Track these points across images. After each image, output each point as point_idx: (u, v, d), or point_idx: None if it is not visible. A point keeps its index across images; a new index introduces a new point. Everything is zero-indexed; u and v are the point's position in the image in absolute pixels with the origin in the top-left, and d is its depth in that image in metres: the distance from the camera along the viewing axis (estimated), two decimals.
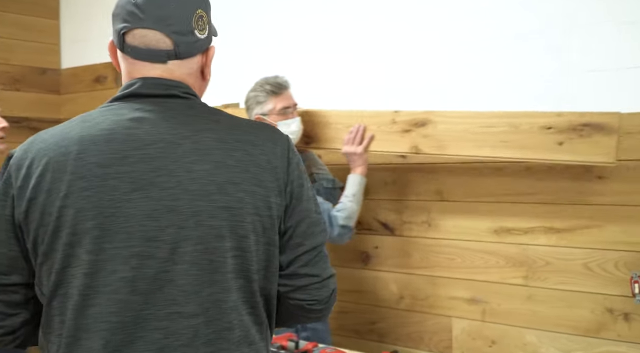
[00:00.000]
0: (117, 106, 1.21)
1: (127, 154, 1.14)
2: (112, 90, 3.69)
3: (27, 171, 1.16)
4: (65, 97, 3.96)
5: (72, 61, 3.94)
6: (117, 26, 1.22)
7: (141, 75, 1.22)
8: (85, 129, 1.16)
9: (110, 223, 1.10)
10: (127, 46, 1.21)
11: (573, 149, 2.02)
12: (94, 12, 3.81)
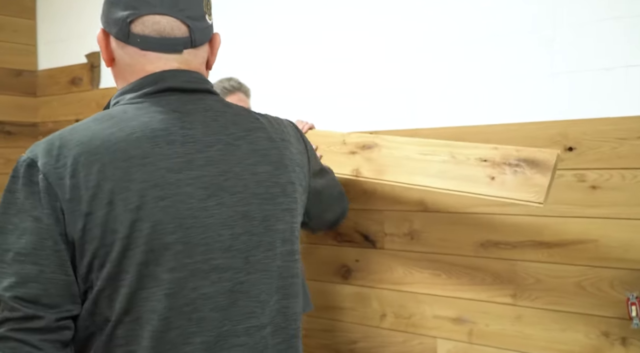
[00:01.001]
0: (152, 102, 1.07)
1: (192, 157, 1.03)
2: (87, 93, 3.52)
3: (73, 181, 0.98)
4: (42, 100, 3.80)
5: (49, 62, 3.77)
6: (118, 14, 1.09)
7: (156, 68, 1.08)
8: (133, 128, 1.01)
9: (191, 236, 1.00)
10: (134, 36, 1.07)
11: (503, 185, 1.87)
12: (71, 12, 3.64)
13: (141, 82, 1.09)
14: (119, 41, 1.10)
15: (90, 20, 3.53)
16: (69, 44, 3.66)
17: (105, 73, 3.46)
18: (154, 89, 1.09)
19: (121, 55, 1.11)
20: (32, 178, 0.98)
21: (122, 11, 1.08)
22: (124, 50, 1.10)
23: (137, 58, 1.10)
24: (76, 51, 3.61)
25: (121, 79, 1.14)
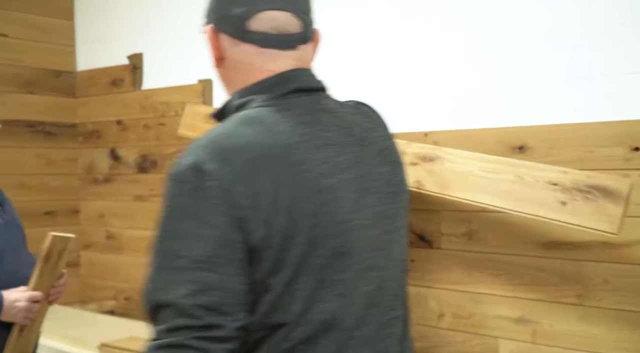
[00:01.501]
0: (287, 105, 1.06)
1: (336, 160, 1.05)
2: (129, 94, 3.54)
3: (248, 187, 0.96)
4: (81, 100, 3.81)
5: (88, 63, 3.79)
6: (232, 11, 1.06)
7: (275, 66, 1.07)
8: (284, 134, 1.01)
9: (350, 239, 1.03)
10: (251, 33, 1.05)
11: (575, 211, 1.88)
12: (109, 12, 3.66)
13: (269, 83, 1.08)
14: (233, 39, 1.07)
15: (128, 20, 3.55)
16: (107, 45, 3.68)
17: (148, 74, 3.48)
18: (285, 90, 1.07)
19: (235, 53, 1.08)
20: (202, 183, 0.96)
21: (237, 8, 1.05)
22: (238, 48, 1.08)
23: (254, 56, 1.07)
24: (115, 52, 3.62)
25: (234, 79, 1.11)
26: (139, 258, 3.52)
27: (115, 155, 3.64)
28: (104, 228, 3.70)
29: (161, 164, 3.41)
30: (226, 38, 1.08)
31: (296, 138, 1.02)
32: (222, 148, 0.98)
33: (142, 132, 3.49)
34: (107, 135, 3.67)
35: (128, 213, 3.59)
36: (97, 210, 3.75)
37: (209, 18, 1.12)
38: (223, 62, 1.11)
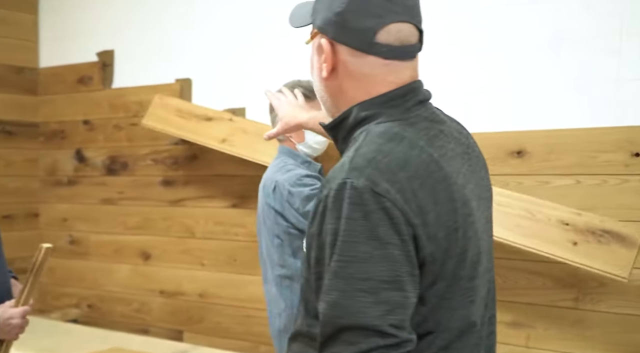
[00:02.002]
0: (418, 118, 1.09)
1: (464, 171, 1.09)
2: (98, 92, 3.41)
3: (416, 206, 0.99)
4: (44, 98, 3.65)
5: (52, 60, 3.63)
6: (361, 23, 1.05)
7: (397, 78, 1.08)
8: (426, 149, 1.04)
9: (480, 245, 1.08)
10: (379, 45, 1.05)
11: (588, 253, 1.93)
12: (76, 7, 3.52)
13: (394, 95, 1.09)
14: (357, 51, 1.07)
15: (97, 16, 3.43)
16: (74, 41, 3.53)
17: (119, 72, 3.35)
18: (411, 104, 1.09)
19: (356, 65, 1.08)
20: (379, 204, 0.97)
21: (366, 21, 1.05)
22: (361, 60, 1.07)
23: (379, 68, 1.07)
24: (83, 49, 3.48)
25: (349, 90, 1.11)
26: (106, 263, 3.39)
27: (81, 157, 3.49)
28: (66, 232, 3.55)
29: (133, 165, 3.29)
30: (346, 50, 1.08)
31: (436, 152, 1.05)
32: (386, 168, 0.99)
33: (112, 132, 3.36)
34: (73, 135, 3.52)
35: (94, 217, 3.44)
36: (59, 214, 3.59)
37: (324, 28, 1.10)
38: (336, 73, 1.10)
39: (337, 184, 0.99)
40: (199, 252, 3.07)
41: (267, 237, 2.12)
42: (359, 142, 1.05)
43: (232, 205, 2.96)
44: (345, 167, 1.00)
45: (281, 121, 1.78)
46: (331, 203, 0.99)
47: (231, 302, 2.96)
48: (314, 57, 1.14)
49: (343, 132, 1.13)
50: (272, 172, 2.13)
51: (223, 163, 2.98)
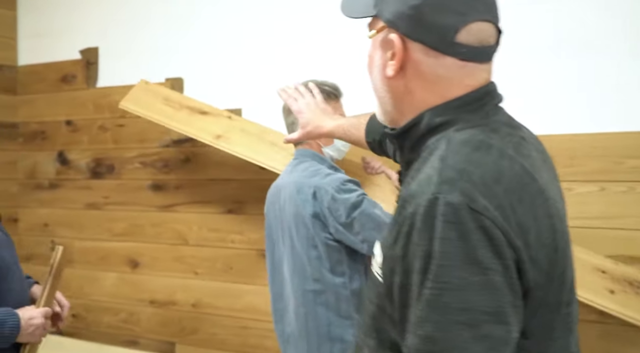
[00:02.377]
0: (498, 124, 0.98)
1: (549, 181, 0.99)
2: (82, 92, 3.24)
3: (516, 224, 0.87)
4: (23, 98, 3.47)
5: (31, 57, 3.45)
6: (441, 20, 0.94)
7: (475, 81, 0.98)
8: (517, 159, 0.93)
9: (572, 265, 0.99)
10: (458, 45, 0.95)
11: (624, 303, 1.87)
12: (57, 3, 3.34)
13: (471, 99, 0.98)
14: (433, 50, 0.96)
15: (80, 12, 3.26)
16: (55, 38, 3.36)
17: (103, 71, 3.19)
18: (489, 109, 1.00)
19: (430, 65, 0.97)
20: (478, 223, 0.85)
21: (447, 17, 0.94)
22: (437, 60, 0.96)
23: (455, 70, 0.97)
24: (65, 46, 3.31)
25: (418, 92, 1.00)
26: (92, 271, 3.22)
27: (63, 159, 3.32)
28: (48, 238, 3.37)
29: (119, 169, 3.13)
30: (420, 47, 0.97)
31: (526, 162, 0.94)
32: (480, 180, 0.88)
33: (97, 133, 3.20)
34: (55, 136, 3.35)
35: (78, 222, 3.28)
36: (40, 219, 3.41)
37: (395, 22, 0.98)
38: (403, 72, 0.99)
39: (426, 200, 0.87)
40: (192, 260, 2.93)
41: (300, 248, 1.93)
42: (441, 151, 0.93)
43: (228, 210, 2.82)
44: (434, 180, 0.88)
45: (303, 128, 1.66)
46: (420, 222, 0.87)
47: (227, 313, 2.82)
48: (375, 53, 1.03)
49: (411, 139, 1.01)
50: (306, 177, 1.94)
51: (218, 166, 2.84)
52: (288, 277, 1.98)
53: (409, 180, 0.97)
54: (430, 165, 0.92)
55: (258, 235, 2.74)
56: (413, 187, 0.91)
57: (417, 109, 1.00)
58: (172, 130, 2.93)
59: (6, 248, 1.88)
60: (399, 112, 1.03)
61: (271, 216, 2.05)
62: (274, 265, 2.05)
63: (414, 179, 0.94)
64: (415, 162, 0.99)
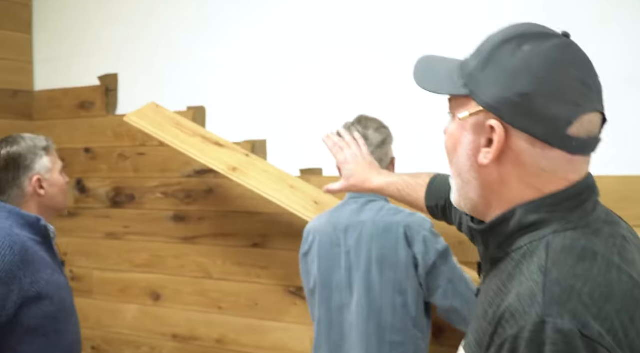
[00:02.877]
0: (595, 224, 0.89)
1: None
2: (101, 119, 3.17)
3: (626, 349, 0.78)
4: (39, 124, 3.40)
5: (47, 82, 3.38)
6: (551, 109, 0.86)
7: (577, 175, 0.90)
8: (624, 269, 0.84)
9: None
10: (569, 139, 0.87)
11: None
12: (73, 27, 3.27)
13: (573, 195, 0.91)
14: (539, 141, 0.87)
15: (97, 37, 3.19)
16: (72, 63, 3.29)
17: (123, 98, 3.11)
18: (590, 207, 0.91)
19: (534, 157, 0.89)
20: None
21: (561, 108, 0.86)
22: (543, 152, 0.88)
23: (561, 164, 0.89)
24: (81, 71, 3.24)
25: (513, 182, 0.91)
26: (111, 303, 3.15)
27: (82, 187, 3.25)
28: (67, 267, 3.30)
29: (140, 198, 3.05)
30: (524, 137, 0.88)
31: (633, 271, 0.85)
32: (590, 300, 0.79)
33: (117, 162, 3.12)
34: (72, 164, 3.27)
35: (97, 252, 3.20)
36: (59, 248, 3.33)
37: (498, 108, 0.89)
38: (500, 160, 0.91)
39: (532, 324, 0.78)
40: (215, 294, 2.85)
41: (381, 294, 1.78)
42: (541, 260, 0.84)
43: (253, 244, 2.73)
44: (538, 299, 0.79)
45: (346, 180, 1.58)
46: (525, 349, 0.78)
47: (253, 350, 2.74)
48: (464, 135, 0.94)
49: (499, 237, 0.93)
50: (389, 215, 1.82)
51: (241, 199, 2.76)
52: (358, 326, 1.82)
53: (498, 283, 0.89)
54: (529, 277, 0.83)
55: (284, 271, 2.66)
56: (511, 302, 0.82)
57: (508, 201, 0.92)
58: (194, 161, 2.86)
59: (67, 290, 1.94)
60: (485, 202, 0.95)
61: (327, 259, 1.91)
62: (330, 313, 1.89)
63: (506, 287, 0.85)
64: (503, 263, 0.91)
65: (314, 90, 2.60)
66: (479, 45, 0.96)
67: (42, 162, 2.01)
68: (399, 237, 1.78)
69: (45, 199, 1.99)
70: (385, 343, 1.78)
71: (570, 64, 0.88)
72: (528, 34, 0.90)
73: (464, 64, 0.96)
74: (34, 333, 1.78)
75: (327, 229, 1.92)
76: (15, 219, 1.87)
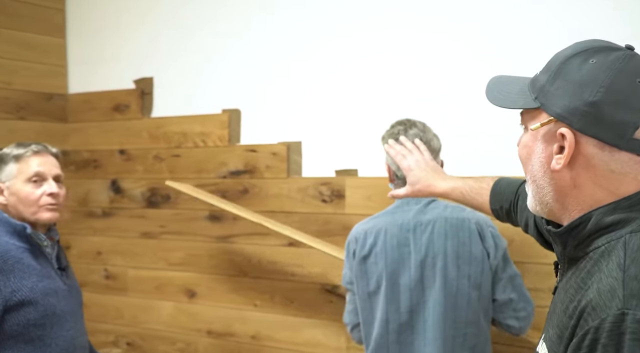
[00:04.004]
0: None
1: None
2: (136, 121, 3.25)
3: None
4: (74, 126, 3.49)
5: (82, 86, 3.47)
6: (617, 116, 0.95)
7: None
8: None
9: None
10: (636, 141, 0.95)
11: None
12: (106, 31, 3.36)
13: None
14: (607, 145, 0.96)
15: (129, 41, 3.27)
16: (105, 67, 3.38)
17: (158, 100, 3.19)
18: None
19: (604, 160, 0.97)
20: None
21: (627, 114, 0.95)
22: (612, 155, 0.97)
23: (630, 166, 0.97)
24: (116, 75, 3.33)
25: (586, 185, 1.00)
26: (147, 300, 3.24)
27: (117, 187, 3.33)
28: (101, 266, 3.39)
29: (175, 198, 3.14)
30: (595, 143, 0.97)
31: None
32: None
33: (152, 163, 3.21)
34: (107, 165, 3.36)
35: (132, 251, 3.29)
36: (92, 247, 3.42)
37: (568, 118, 0.98)
38: (572, 165, 0.99)
39: (613, 315, 0.86)
40: (250, 292, 2.93)
41: (458, 289, 1.86)
42: (619, 259, 0.92)
43: (288, 243, 2.81)
44: (619, 293, 0.87)
45: (411, 186, 1.64)
46: (606, 338, 0.86)
47: (288, 346, 2.82)
48: (537, 144, 1.03)
49: (578, 238, 1.00)
50: (457, 211, 1.90)
51: (276, 198, 2.84)
52: (435, 323, 1.87)
53: (577, 281, 0.97)
54: (608, 273, 0.91)
55: (319, 269, 2.74)
56: (592, 297, 0.90)
57: (583, 203, 1.00)
58: (229, 162, 2.95)
59: (61, 297, 1.93)
60: (561, 205, 1.03)
61: (394, 260, 1.94)
62: (399, 313, 1.93)
63: (586, 283, 0.94)
64: (582, 261, 0.99)
65: (349, 92, 2.67)
66: (548, 61, 1.04)
67: (8, 169, 1.97)
68: (471, 233, 1.86)
69: (9, 207, 1.96)
70: (459, 337, 1.86)
71: (633, 74, 0.95)
72: (593, 48, 0.99)
73: (534, 80, 1.05)
74: (16, 340, 1.81)
75: (392, 230, 1.96)
76: (3, 226, 1.90)
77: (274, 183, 2.84)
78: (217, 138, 2.99)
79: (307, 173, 2.78)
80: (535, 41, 2.27)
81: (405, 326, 1.93)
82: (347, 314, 2.16)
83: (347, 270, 2.11)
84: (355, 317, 2.11)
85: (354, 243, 2.06)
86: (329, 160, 2.72)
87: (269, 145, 2.85)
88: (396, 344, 1.94)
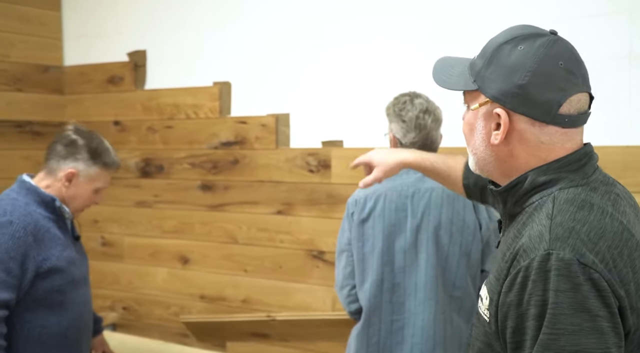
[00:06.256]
0: (594, 183, 1.12)
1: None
2: (129, 93, 3.34)
3: (617, 276, 1.02)
4: (70, 98, 3.57)
5: (77, 58, 3.55)
6: (545, 96, 1.09)
7: (574, 144, 1.13)
8: (615, 217, 1.06)
9: None
10: (560, 117, 1.10)
11: None
12: (102, 4, 3.43)
13: (573, 160, 1.12)
14: (537, 121, 1.11)
15: (124, 14, 3.34)
16: (101, 40, 3.45)
17: (151, 73, 3.28)
18: (590, 169, 1.13)
19: (535, 134, 1.12)
20: (587, 276, 0.99)
21: (551, 94, 1.09)
22: (541, 129, 1.11)
23: (557, 137, 1.12)
24: (111, 48, 3.41)
25: (522, 155, 1.14)
26: (142, 266, 3.36)
27: None
28: (98, 234, 3.50)
29: (169, 169, 3.24)
30: (525, 119, 1.11)
31: (623, 218, 1.07)
32: (587, 238, 1.02)
33: (146, 134, 3.30)
34: (102, 136, 3.43)
35: (128, 219, 3.40)
36: (89, 215, 3.52)
37: (502, 99, 1.12)
38: (508, 140, 1.14)
39: (540, 255, 1.01)
40: (241, 258, 3.05)
41: (450, 254, 1.97)
42: (548, 210, 1.07)
43: (277, 211, 2.93)
44: (546, 237, 1.02)
45: (382, 166, 1.69)
46: (535, 275, 1.01)
47: (277, 309, 2.94)
48: (477, 122, 1.17)
49: (516, 196, 1.15)
50: None
51: (266, 169, 2.94)
52: (427, 284, 1.97)
53: (514, 232, 1.11)
54: (538, 222, 1.06)
55: (307, 236, 2.85)
56: (524, 241, 1.05)
57: (520, 170, 1.14)
58: (220, 133, 3.05)
59: (78, 266, 2.06)
60: (501, 173, 1.18)
61: (391, 223, 2.02)
62: (394, 274, 2.02)
63: (520, 233, 1.08)
64: (519, 215, 1.14)
65: (336, 66, 2.76)
66: (484, 46, 1.18)
67: (90, 168, 2.08)
68: (466, 203, 1.97)
69: (65, 195, 2.05)
70: (448, 298, 1.99)
71: (556, 58, 1.09)
72: (522, 36, 1.12)
73: (472, 63, 1.19)
74: (39, 304, 1.93)
75: (392, 195, 2.04)
76: (33, 196, 1.99)
77: (264, 153, 2.95)
78: (208, 110, 3.08)
79: (295, 144, 2.88)
80: (521, 16, 2.36)
81: (399, 287, 2.02)
82: (344, 277, 2.15)
83: (345, 231, 2.14)
84: (352, 280, 2.13)
85: (353, 206, 2.11)
86: (316, 132, 2.82)
87: (259, 117, 2.95)
88: (389, 304, 2.03)
